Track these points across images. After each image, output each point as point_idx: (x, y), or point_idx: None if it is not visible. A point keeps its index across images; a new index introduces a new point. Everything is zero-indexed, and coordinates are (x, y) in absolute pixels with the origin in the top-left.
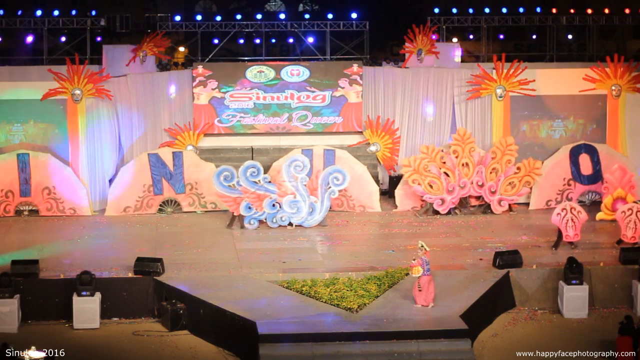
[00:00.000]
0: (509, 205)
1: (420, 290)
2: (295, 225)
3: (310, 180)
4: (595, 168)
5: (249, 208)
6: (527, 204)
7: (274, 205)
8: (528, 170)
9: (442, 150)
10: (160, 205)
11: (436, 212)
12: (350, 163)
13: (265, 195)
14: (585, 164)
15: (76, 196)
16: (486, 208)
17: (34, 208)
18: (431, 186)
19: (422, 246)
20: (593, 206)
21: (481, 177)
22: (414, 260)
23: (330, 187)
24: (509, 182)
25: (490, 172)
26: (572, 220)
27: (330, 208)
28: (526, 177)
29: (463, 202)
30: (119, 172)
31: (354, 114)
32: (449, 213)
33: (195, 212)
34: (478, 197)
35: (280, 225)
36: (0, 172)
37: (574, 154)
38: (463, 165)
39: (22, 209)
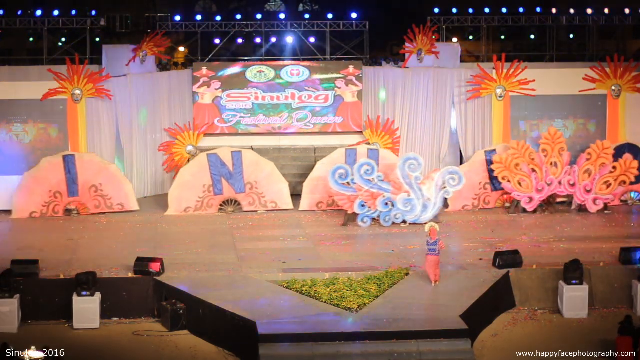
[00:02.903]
0: (604, 204)
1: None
2: (410, 223)
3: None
4: None
5: (363, 206)
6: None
7: (386, 203)
8: (624, 170)
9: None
10: (221, 205)
11: (524, 210)
12: (394, 161)
13: (379, 193)
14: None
15: (122, 192)
16: (578, 206)
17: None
18: (520, 184)
19: (432, 226)
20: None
21: (573, 177)
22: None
23: (445, 187)
24: (604, 181)
25: (584, 173)
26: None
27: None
28: (622, 177)
29: (550, 201)
30: (178, 174)
31: (350, 114)
32: (534, 211)
33: (255, 211)
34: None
35: (393, 223)
36: (48, 173)
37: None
38: (551, 164)
39: (70, 208)
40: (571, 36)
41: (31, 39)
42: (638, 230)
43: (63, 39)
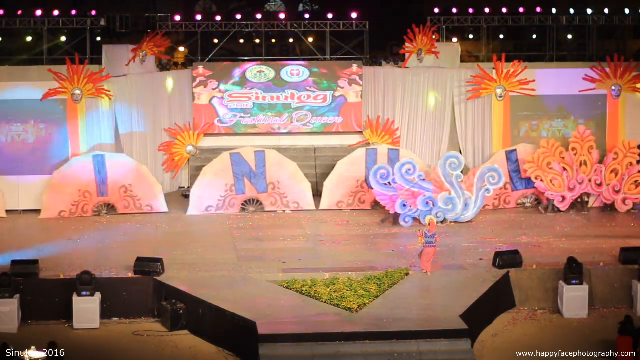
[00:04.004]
0: (633, 203)
1: (420, 257)
2: (451, 222)
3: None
4: None
5: (404, 206)
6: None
7: (427, 202)
8: None
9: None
10: (243, 205)
11: (556, 209)
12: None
13: (420, 192)
14: None
15: (152, 193)
16: (608, 207)
17: (111, 206)
18: (553, 183)
19: (431, 219)
20: None
21: (600, 176)
22: (419, 231)
23: (485, 185)
24: (633, 180)
25: (610, 172)
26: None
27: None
28: None
29: (581, 200)
30: (201, 172)
31: (353, 114)
32: (568, 210)
33: (276, 211)
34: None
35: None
36: (78, 173)
37: None
38: (581, 163)
39: (99, 209)
40: (570, 36)
41: (29, 39)
42: (638, 230)
43: (63, 39)
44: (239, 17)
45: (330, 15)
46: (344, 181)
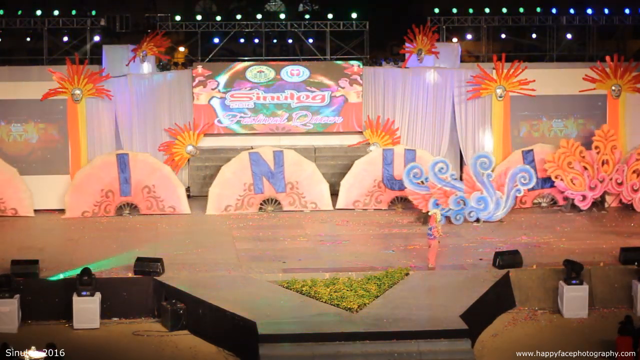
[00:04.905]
0: None
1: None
2: (483, 221)
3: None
4: None
5: (437, 205)
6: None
7: (458, 202)
8: None
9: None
10: (261, 204)
11: (577, 208)
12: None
13: (452, 191)
14: None
15: (175, 195)
16: (629, 206)
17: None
18: (573, 182)
19: (433, 213)
20: None
21: (621, 176)
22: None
23: (517, 185)
24: None
25: (632, 172)
26: None
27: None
28: None
29: (602, 199)
30: (219, 171)
31: (354, 114)
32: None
33: (294, 211)
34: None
35: (465, 221)
36: (101, 172)
37: None
38: (603, 162)
39: (122, 209)
40: (570, 36)
41: (29, 39)
42: (638, 230)
43: (65, 39)
44: (239, 17)
45: (330, 15)
46: (360, 181)
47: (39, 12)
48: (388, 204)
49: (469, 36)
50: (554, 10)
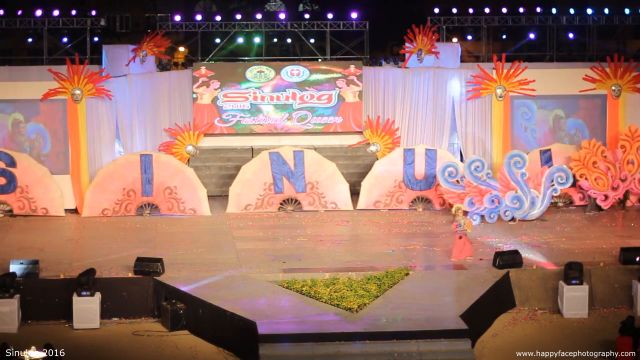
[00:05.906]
0: None
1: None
2: (519, 220)
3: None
4: None
5: (472, 204)
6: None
7: (492, 200)
8: None
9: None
10: (281, 204)
11: (599, 208)
12: (450, 159)
13: (487, 190)
14: None
15: (196, 197)
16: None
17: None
18: (597, 182)
19: (457, 208)
20: None
21: None
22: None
23: (553, 185)
24: None
25: None
26: None
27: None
28: None
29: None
30: (240, 170)
31: (351, 114)
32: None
33: (314, 210)
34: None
35: (499, 220)
36: (124, 171)
37: None
38: (627, 162)
39: (143, 210)
40: (571, 36)
41: (30, 40)
42: (638, 230)
43: (65, 39)
44: (239, 17)
45: (330, 15)
46: (381, 181)
47: (39, 12)
48: (409, 204)
49: (469, 36)
50: (554, 10)
